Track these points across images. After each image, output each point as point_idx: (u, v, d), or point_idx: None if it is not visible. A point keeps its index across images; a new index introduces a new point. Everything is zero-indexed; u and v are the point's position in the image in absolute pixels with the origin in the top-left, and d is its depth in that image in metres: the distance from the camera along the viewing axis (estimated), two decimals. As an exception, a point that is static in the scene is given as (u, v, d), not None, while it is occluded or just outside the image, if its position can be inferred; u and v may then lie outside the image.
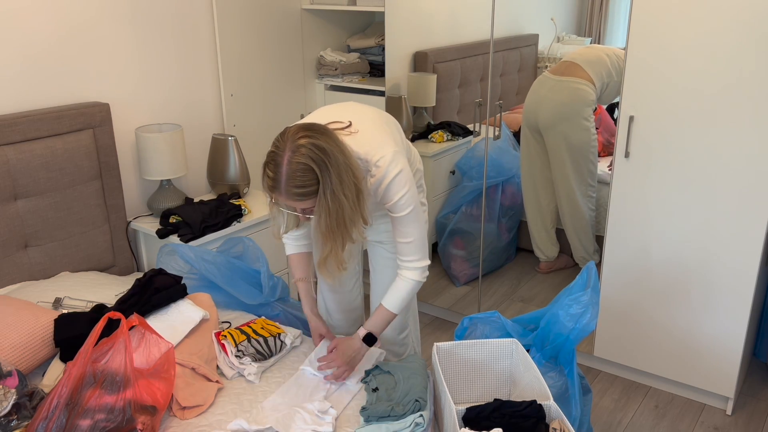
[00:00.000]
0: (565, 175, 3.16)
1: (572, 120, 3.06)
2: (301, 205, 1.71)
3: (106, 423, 1.60)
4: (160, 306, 2.11)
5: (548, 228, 3.37)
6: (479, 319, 2.10)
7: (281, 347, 2.10)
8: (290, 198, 1.67)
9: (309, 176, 1.64)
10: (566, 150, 3.11)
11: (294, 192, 1.66)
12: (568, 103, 3.05)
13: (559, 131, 3.11)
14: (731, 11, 2.24)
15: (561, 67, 3.10)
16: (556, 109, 3.09)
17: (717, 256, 2.50)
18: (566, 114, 3.07)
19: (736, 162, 2.37)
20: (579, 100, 3.02)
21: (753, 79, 2.26)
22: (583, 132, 3.06)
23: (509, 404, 1.66)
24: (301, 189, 1.65)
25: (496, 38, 2.86)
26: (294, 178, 1.64)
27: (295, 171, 1.63)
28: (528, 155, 3.29)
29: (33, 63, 2.45)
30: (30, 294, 2.26)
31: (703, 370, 2.66)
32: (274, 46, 3.32)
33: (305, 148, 1.63)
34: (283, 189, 1.66)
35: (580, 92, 3.01)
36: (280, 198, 1.69)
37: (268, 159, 1.68)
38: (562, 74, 3.08)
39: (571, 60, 3.08)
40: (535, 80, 3.19)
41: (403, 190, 1.79)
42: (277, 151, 1.66)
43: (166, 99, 2.92)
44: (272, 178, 1.66)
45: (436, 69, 3.27)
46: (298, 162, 1.63)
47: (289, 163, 1.63)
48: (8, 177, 2.33)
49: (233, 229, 2.77)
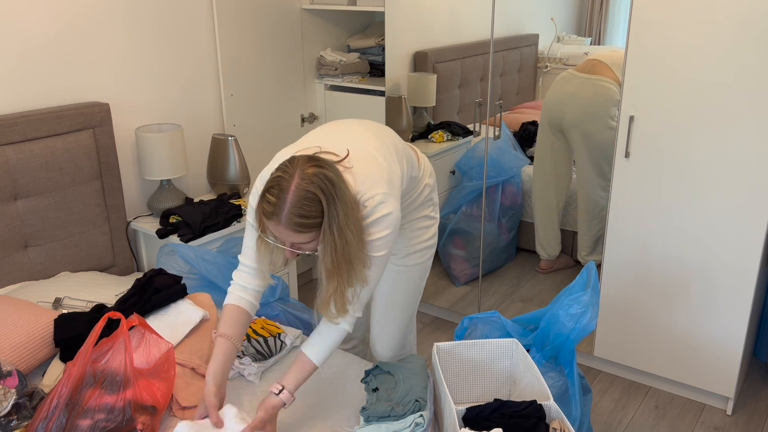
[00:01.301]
0: (588, 172, 3.13)
1: (598, 119, 3.02)
2: (298, 239, 1.58)
3: (106, 423, 1.60)
4: (160, 306, 2.11)
5: (555, 227, 3.36)
6: (479, 319, 2.10)
7: (281, 347, 2.11)
8: (289, 227, 1.55)
9: (315, 207, 1.54)
10: (589, 149, 3.08)
11: (295, 221, 1.54)
12: (595, 101, 3.01)
13: (584, 130, 3.07)
14: (731, 11, 2.24)
15: (587, 66, 3.06)
16: (583, 107, 3.06)
17: (717, 255, 2.50)
18: (593, 113, 3.02)
19: (736, 162, 2.37)
20: (606, 99, 2.99)
21: (753, 79, 2.26)
22: (608, 131, 3.02)
23: (509, 404, 1.66)
24: (303, 219, 1.54)
25: (496, 38, 2.86)
26: (300, 206, 1.53)
27: (302, 199, 1.53)
28: (544, 152, 3.25)
29: (33, 63, 2.45)
30: (30, 294, 2.26)
31: (703, 370, 2.66)
32: (274, 46, 3.32)
33: (316, 177, 1.53)
34: (284, 216, 1.53)
35: (608, 91, 2.97)
36: (277, 227, 1.56)
37: (272, 183, 1.55)
38: (588, 72, 3.03)
39: (597, 59, 3.04)
40: (558, 77, 3.13)
41: (385, 232, 1.68)
42: (284, 176, 1.54)
43: (166, 99, 2.91)
44: (273, 204, 1.54)
45: (436, 69, 3.27)
46: (306, 189, 1.53)
47: (297, 190, 1.52)
48: (8, 177, 2.33)
49: (233, 229, 2.77)
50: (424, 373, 1.86)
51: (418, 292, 2.20)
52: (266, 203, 1.55)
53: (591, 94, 3.03)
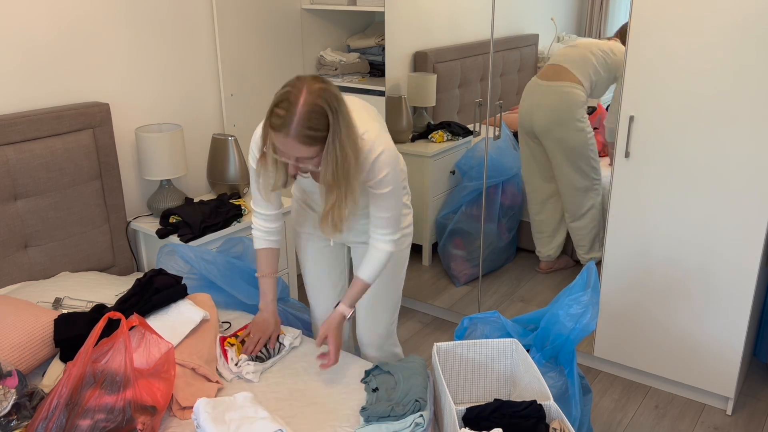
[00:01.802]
0: (567, 175, 3.16)
1: (566, 124, 3.07)
2: (304, 152, 1.67)
3: (106, 423, 1.60)
4: (160, 306, 2.11)
5: (551, 228, 3.37)
6: (479, 319, 2.10)
7: (280, 348, 2.10)
8: (297, 140, 1.64)
9: (322, 121, 1.63)
10: (565, 152, 3.12)
11: (304, 134, 1.63)
12: (560, 108, 3.06)
13: (555, 136, 3.12)
14: (731, 11, 2.24)
15: (548, 72, 3.11)
16: (549, 114, 3.11)
17: (717, 255, 2.50)
18: (560, 119, 3.08)
19: (736, 162, 2.37)
20: (570, 104, 3.04)
21: (753, 78, 2.26)
22: (579, 133, 3.07)
23: (509, 404, 1.66)
24: (311, 132, 1.63)
25: (496, 38, 2.86)
26: (308, 119, 1.62)
27: (311, 112, 1.62)
28: (528, 158, 3.30)
29: (33, 63, 2.45)
30: (30, 294, 2.26)
31: (703, 370, 2.66)
32: (273, 46, 3.32)
33: (323, 92, 1.63)
34: (293, 129, 1.62)
35: (571, 95, 3.03)
36: (285, 140, 1.65)
37: (280, 98, 1.64)
38: (550, 79, 3.09)
39: (557, 63, 3.08)
40: (526, 86, 3.20)
41: (387, 169, 1.82)
42: (293, 90, 1.63)
43: (166, 99, 2.91)
44: (282, 117, 1.62)
45: (436, 69, 3.27)
46: (315, 103, 1.62)
47: (306, 104, 1.61)
48: (8, 177, 2.33)
49: (233, 229, 2.77)
50: (424, 373, 1.87)
51: (400, 281, 2.25)
52: (275, 117, 1.64)
53: (554, 101, 3.08)
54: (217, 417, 1.63)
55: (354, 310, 2.04)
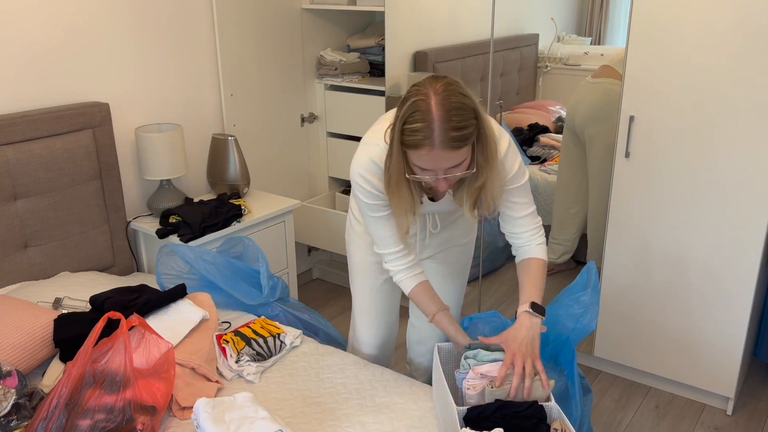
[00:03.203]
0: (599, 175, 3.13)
1: (605, 120, 3.03)
2: (455, 159, 1.48)
3: (106, 423, 1.60)
4: (160, 306, 2.11)
5: (569, 237, 3.35)
6: (479, 319, 2.10)
7: (281, 347, 2.10)
8: (445, 146, 1.45)
9: (467, 114, 1.45)
10: (601, 149, 3.09)
11: (451, 136, 1.43)
12: (600, 104, 3.04)
13: (593, 132, 3.09)
14: (732, 11, 2.24)
15: (597, 72, 3.12)
16: (589, 110, 3.09)
17: (717, 256, 2.50)
18: (599, 115, 3.04)
19: (736, 162, 2.37)
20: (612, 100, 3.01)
21: (753, 78, 2.26)
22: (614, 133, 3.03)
23: (510, 405, 1.66)
24: (459, 132, 1.44)
25: (496, 38, 2.85)
26: (450, 118, 1.43)
27: (450, 111, 1.44)
28: (566, 160, 3.28)
29: (32, 63, 2.45)
30: (30, 294, 2.26)
31: (703, 370, 2.66)
32: (273, 46, 3.32)
33: (451, 86, 1.46)
34: (438, 136, 1.43)
35: (612, 92, 2.99)
36: (431, 152, 1.46)
37: (411, 110, 1.46)
38: (597, 77, 3.09)
39: (606, 63, 3.08)
40: (578, 86, 3.19)
41: (518, 158, 1.70)
42: (420, 97, 1.46)
43: (166, 99, 2.91)
44: (422, 129, 1.43)
45: (436, 69, 3.27)
46: (450, 100, 1.44)
47: (442, 105, 1.43)
48: (8, 177, 2.33)
49: (233, 229, 2.77)
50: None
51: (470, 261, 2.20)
52: (412, 132, 1.46)
53: (594, 97, 3.05)
54: (217, 417, 1.62)
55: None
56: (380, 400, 1.89)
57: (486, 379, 1.66)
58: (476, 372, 1.66)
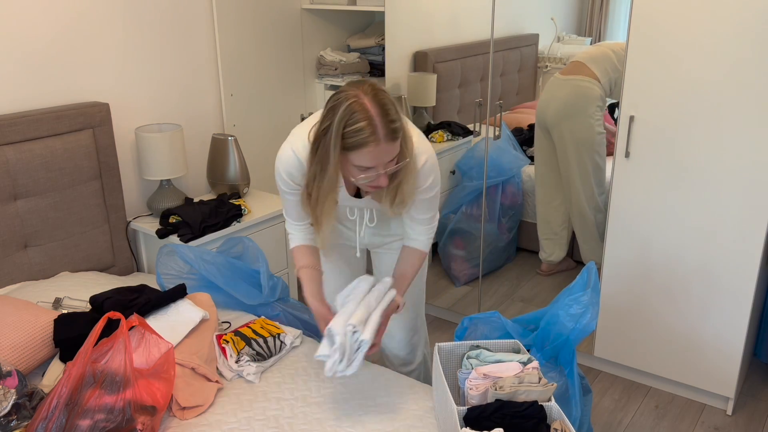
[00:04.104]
0: (571, 173, 3.15)
1: (576, 117, 3.06)
2: (395, 149, 1.58)
3: (106, 423, 1.60)
4: (160, 306, 2.11)
5: (556, 230, 3.36)
6: (479, 319, 2.10)
7: (281, 347, 2.10)
8: (388, 139, 1.54)
9: (396, 108, 1.56)
10: (571, 147, 3.11)
11: (391, 128, 1.54)
12: (572, 101, 3.06)
13: (563, 129, 3.10)
14: (732, 11, 2.24)
15: (568, 68, 3.12)
16: (560, 107, 3.10)
17: (717, 255, 2.50)
18: (569, 112, 3.07)
19: (736, 162, 2.37)
20: (583, 98, 3.03)
21: (753, 78, 2.26)
22: (587, 129, 3.05)
23: (510, 405, 1.66)
24: (395, 124, 1.55)
25: (496, 38, 2.85)
26: (386, 113, 1.53)
27: (382, 106, 1.54)
28: (540, 156, 3.29)
29: (32, 63, 2.45)
30: (30, 294, 2.26)
31: (703, 370, 2.66)
32: (273, 46, 3.32)
33: (372, 86, 1.57)
34: (381, 130, 1.52)
35: (584, 89, 3.01)
36: (376, 148, 1.54)
37: (347, 113, 1.52)
38: (568, 74, 3.09)
39: (577, 59, 3.09)
40: (547, 82, 3.20)
41: (432, 175, 1.80)
42: (353, 99, 1.53)
43: (166, 99, 2.91)
44: (364, 127, 1.51)
45: (436, 69, 3.27)
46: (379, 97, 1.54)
47: (374, 102, 1.53)
48: (8, 177, 2.33)
49: (233, 229, 2.77)
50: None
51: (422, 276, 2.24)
52: (356, 132, 1.53)
53: (567, 94, 3.08)
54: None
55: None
56: (380, 400, 1.89)
57: (489, 380, 1.66)
58: (479, 372, 1.67)
